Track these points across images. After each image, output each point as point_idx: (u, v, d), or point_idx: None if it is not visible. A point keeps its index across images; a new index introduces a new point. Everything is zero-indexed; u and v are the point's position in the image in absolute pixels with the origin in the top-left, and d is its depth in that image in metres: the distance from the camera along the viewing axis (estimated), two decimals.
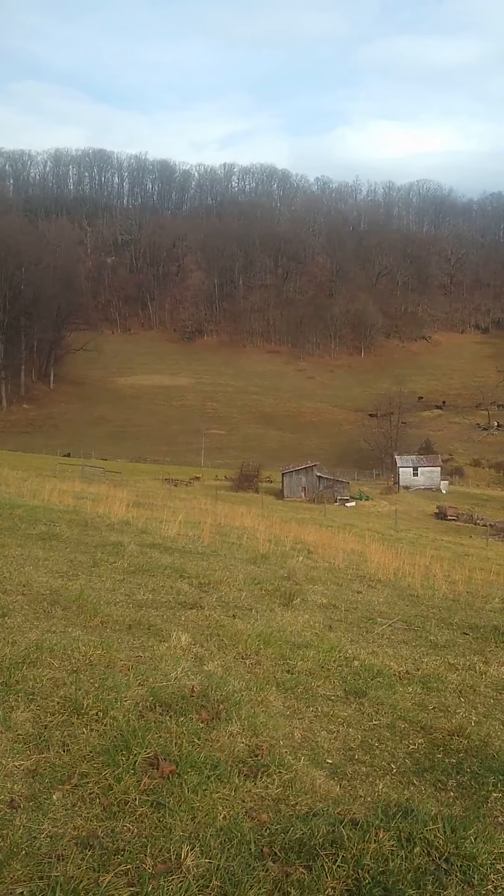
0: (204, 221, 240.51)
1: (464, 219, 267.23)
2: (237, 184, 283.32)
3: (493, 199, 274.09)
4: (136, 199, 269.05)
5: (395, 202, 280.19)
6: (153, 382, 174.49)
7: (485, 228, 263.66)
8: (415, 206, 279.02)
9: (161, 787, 4.12)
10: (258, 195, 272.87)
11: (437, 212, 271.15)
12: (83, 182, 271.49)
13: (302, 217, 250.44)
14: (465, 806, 4.66)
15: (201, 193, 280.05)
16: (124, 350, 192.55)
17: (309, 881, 3.43)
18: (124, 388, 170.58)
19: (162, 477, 74.32)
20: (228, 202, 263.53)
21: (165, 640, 7.15)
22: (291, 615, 9.56)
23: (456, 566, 21.05)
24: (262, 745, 4.93)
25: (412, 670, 7.69)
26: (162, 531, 16.85)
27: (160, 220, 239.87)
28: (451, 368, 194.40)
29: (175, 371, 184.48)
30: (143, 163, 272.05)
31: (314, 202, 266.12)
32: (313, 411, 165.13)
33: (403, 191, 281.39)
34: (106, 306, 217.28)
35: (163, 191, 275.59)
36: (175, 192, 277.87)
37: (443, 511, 67.27)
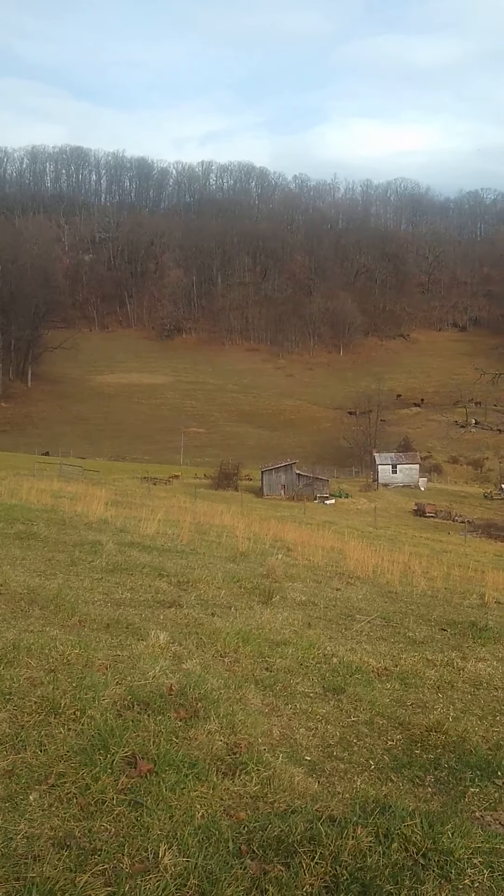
0: (182, 219, 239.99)
1: (441, 217, 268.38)
2: (215, 182, 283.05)
3: (470, 198, 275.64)
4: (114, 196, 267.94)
5: (372, 200, 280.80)
6: (131, 381, 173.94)
7: (462, 227, 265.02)
8: (392, 204, 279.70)
9: (139, 786, 4.10)
10: (236, 193, 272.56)
11: (414, 210, 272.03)
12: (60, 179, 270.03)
13: (280, 215, 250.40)
14: (443, 801, 4.69)
15: (179, 191, 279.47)
16: (102, 348, 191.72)
17: (287, 878, 3.42)
18: (102, 386, 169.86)
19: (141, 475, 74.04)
20: (206, 200, 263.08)
21: (144, 638, 7.13)
22: (270, 613, 9.57)
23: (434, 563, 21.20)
24: (241, 743, 4.92)
25: (390, 667, 7.72)
26: (140, 530, 16.81)
27: (138, 218, 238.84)
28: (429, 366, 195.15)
29: (153, 369, 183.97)
30: (121, 160, 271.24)
31: (292, 200, 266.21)
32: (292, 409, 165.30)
33: (381, 189, 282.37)
34: (84, 304, 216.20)
35: (140, 188, 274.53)
36: (153, 190, 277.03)
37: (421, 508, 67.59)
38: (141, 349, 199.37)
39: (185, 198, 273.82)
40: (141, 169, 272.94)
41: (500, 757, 5.41)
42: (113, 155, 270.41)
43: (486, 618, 11.42)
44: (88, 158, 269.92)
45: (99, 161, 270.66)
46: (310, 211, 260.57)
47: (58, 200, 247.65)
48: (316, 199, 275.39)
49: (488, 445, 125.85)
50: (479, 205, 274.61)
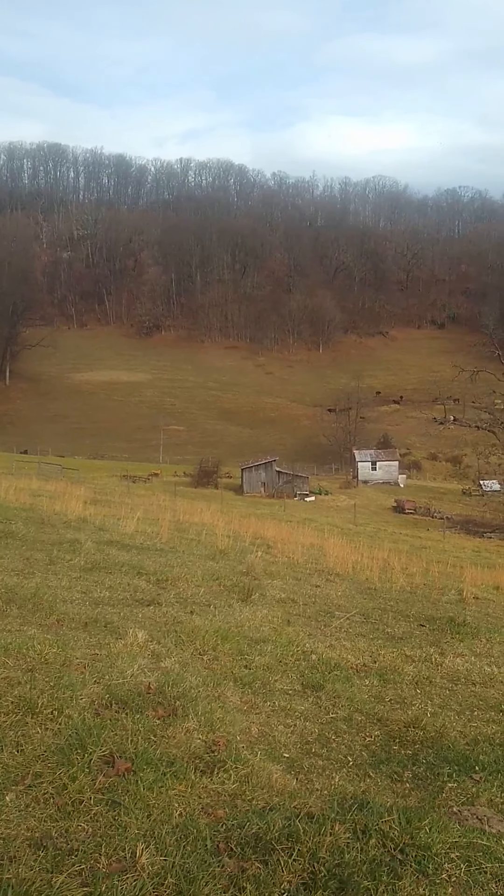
0: (161, 216, 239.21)
1: (419, 215, 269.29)
2: (194, 179, 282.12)
3: (448, 196, 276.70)
4: (92, 193, 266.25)
5: (351, 198, 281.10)
6: (110, 378, 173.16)
7: (440, 224, 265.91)
8: (371, 202, 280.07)
9: (116, 786, 4.09)
10: (215, 190, 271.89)
11: (392, 208, 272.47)
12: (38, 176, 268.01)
13: (259, 212, 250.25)
14: (421, 797, 4.71)
15: (158, 188, 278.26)
16: (81, 346, 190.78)
17: (265, 876, 3.42)
18: (81, 384, 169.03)
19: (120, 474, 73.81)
20: (185, 197, 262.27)
21: (122, 637, 7.10)
22: (250, 610, 9.56)
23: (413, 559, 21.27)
24: (219, 741, 4.92)
25: (369, 663, 7.75)
26: (119, 528, 16.75)
27: (116, 215, 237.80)
28: (408, 364, 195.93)
29: (133, 367, 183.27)
30: (99, 157, 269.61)
31: (271, 198, 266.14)
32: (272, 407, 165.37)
33: (360, 187, 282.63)
34: (62, 302, 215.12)
35: (119, 185, 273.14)
36: (131, 187, 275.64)
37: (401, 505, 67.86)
38: (120, 347, 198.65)
39: (164, 195, 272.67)
40: (119, 166, 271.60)
41: (477, 752, 5.45)
42: (91, 152, 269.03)
43: (464, 613, 11.49)
44: (66, 155, 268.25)
45: (77, 158, 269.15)
46: (288, 208, 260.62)
47: (36, 197, 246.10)
48: (295, 196, 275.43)
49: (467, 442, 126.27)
50: (457, 203, 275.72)
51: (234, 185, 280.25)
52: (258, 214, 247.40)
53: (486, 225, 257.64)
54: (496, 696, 7.09)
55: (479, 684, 7.43)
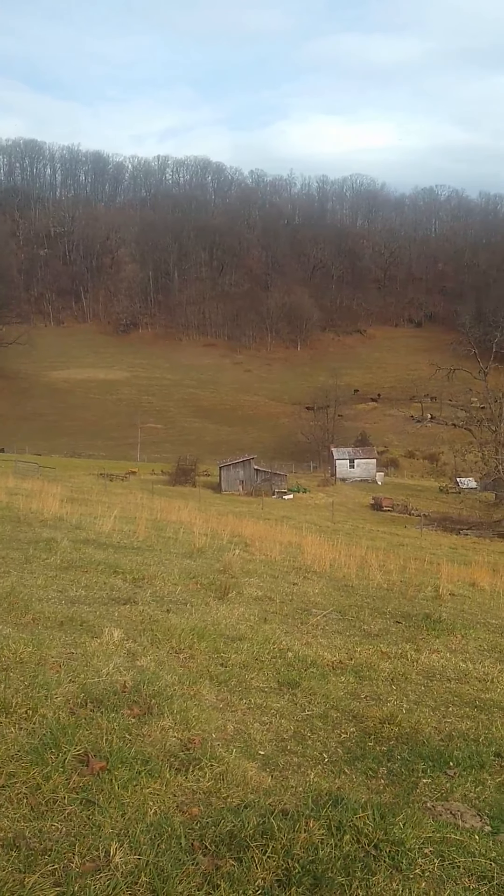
0: (138, 214, 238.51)
1: (396, 213, 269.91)
2: (171, 176, 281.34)
3: (425, 194, 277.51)
4: (69, 190, 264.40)
5: (328, 196, 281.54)
6: (88, 376, 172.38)
7: (417, 223, 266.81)
8: (348, 200, 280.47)
9: (91, 785, 4.08)
10: (192, 188, 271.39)
11: (370, 206, 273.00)
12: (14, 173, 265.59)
13: (237, 210, 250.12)
14: (395, 793, 4.73)
15: (135, 186, 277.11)
16: (58, 343, 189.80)
17: (239, 873, 3.42)
18: (58, 382, 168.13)
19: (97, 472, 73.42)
20: (162, 195, 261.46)
21: (98, 636, 7.08)
22: (226, 608, 9.56)
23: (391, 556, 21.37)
24: (194, 739, 4.92)
25: (345, 660, 7.78)
26: (96, 527, 16.70)
27: (94, 213, 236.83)
28: (386, 362, 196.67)
29: (110, 364, 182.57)
30: (76, 154, 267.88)
31: (249, 195, 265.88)
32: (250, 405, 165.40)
33: (337, 185, 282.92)
34: (39, 299, 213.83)
35: (96, 182, 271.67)
36: (108, 184, 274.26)
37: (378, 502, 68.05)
38: (97, 344, 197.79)
39: (142, 192, 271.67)
40: (96, 163, 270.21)
41: (451, 748, 5.48)
42: (68, 149, 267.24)
43: (440, 610, 11.56)
44: (43, 152, 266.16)
45: (54, 155, 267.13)
46: (266, 206, 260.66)
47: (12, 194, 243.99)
48: (272, 194, 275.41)
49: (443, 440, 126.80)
50: (434, 201, 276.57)
51: (211, 183, 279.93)
52: (236, 212, 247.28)
53: (463, 224, 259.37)
54: (471, 692, 7.13)
55: (454, 680, 7.48)
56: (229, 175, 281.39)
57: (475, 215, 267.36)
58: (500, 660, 8.62)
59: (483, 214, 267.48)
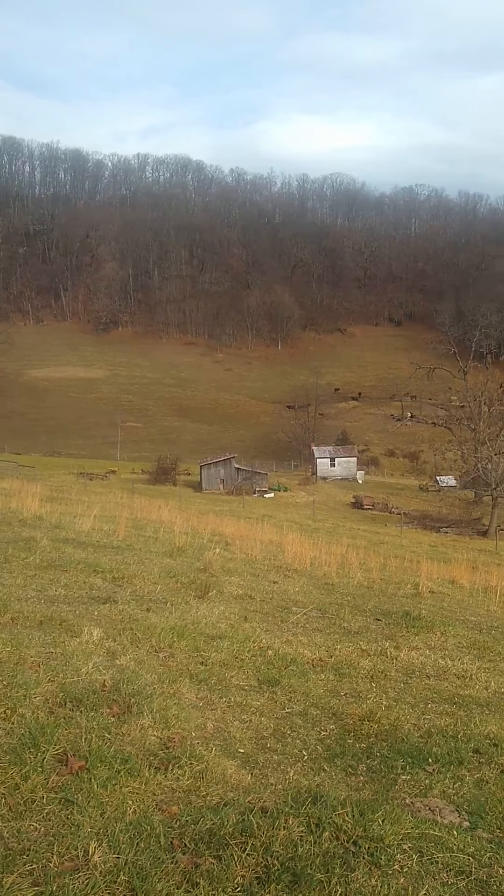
0: (118, 212, 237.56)
1: (376, 212, 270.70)
2: (151, 174, 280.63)
3: (405, 194, 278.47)
4: (49, 188, 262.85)
5: (309, 195, 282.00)
6: (67, 375, 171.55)
7: (397, 222, 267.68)
8: (329, 199, 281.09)
9: (70, 784, 4.06)
10: (172, 186, 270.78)
11: (350, 205, 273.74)
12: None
13: (217, 208, 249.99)
14: (375, 789, 4.75)
15: (115, 184, 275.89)
16: (37, 342, 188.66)
17: (218, 871, 3.43)
18: (37, 380, 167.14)
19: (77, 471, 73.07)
20: (142, 193, 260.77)
21: (77, 635, 7.05)
22: (207, 607, 9.55)
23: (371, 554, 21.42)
24: (174, 737, 4.91)
25: (325, 657, 7.80)
26: (76, 526, 16.65)
27: (73, 211, 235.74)
28: (366, 360, 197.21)
29: (90, 363, 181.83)
30: (55, 151, 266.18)
31: (229, 193, 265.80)
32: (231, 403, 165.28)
33: (317, 184, 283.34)
34: (18, 297, 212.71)
35: (75, 180, 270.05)
36: (88, 182, 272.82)
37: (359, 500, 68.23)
38: (76, 343, 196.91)
39: (121, 190, 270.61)
40: (76, 161, 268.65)
41: (430, 744, 5.51)
42: (47, 146, 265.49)
43: (420, 607, 11.62)
44: (21, 149, 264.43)
45: (32, 152, 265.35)
46: (246, 205, 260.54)
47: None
48: (252, 192, 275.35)
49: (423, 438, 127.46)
50: (414, 200, 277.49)
51: (191, 181, 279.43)
52: (216, 210, 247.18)
53: (443, 223, 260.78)
54: (450, 688, 7.18)
55: (433, 677, 7.53)
56: (209, 173, 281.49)
57: (454, 214, 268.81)
58: (478, 656, 8.69)
59: (462, 214, 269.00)
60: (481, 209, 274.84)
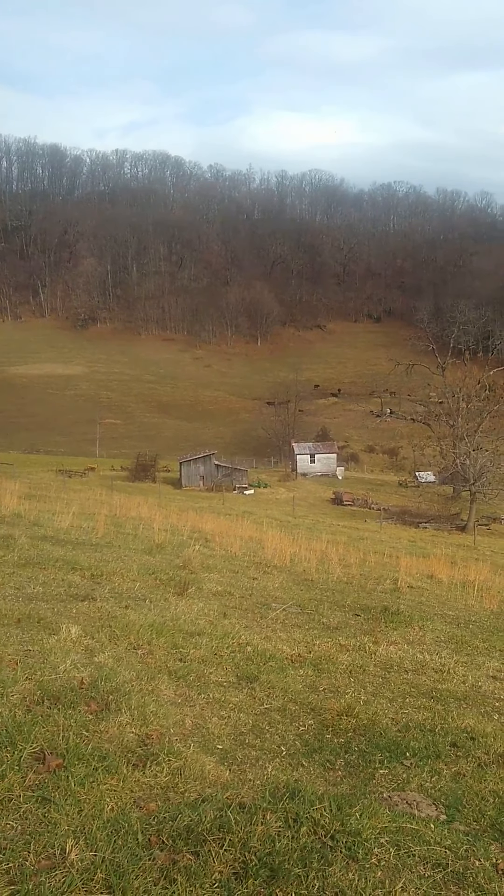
0: (96, 208, 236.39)
1: (355, 209, 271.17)
2: (129, 170, 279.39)
3: (383, 190, 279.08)
4: (26, 184, 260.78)
5: (288, 191, 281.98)
6: (46, 371, 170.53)
7: (375, 219, 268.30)
8: (307, 195, 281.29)
9: (47, 782, 4.04)
10: (151, 182, 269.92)
11: (328, 202, 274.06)
12: None
13: (196, 204, 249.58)
14: (353, 784, 4.77)
15: (93, 180, 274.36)
16: (15, 339, 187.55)
17: (196, 867, 3.43)
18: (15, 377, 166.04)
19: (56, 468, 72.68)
20: (121, 188, 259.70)
21: (55, 633, 7.02)
22: (186, 604, 9.55)
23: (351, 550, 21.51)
24: (152, 734, 4.91)
25: (304, 653, 7.81)
26: (55, 523, 16.58)
27: (51, 206, 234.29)
28: (346, 357, 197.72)
29: (68, 359, 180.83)
30: (33, 147, 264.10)
31: (208, 190, 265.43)
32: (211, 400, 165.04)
33: (296, 180, 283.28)
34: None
35: (53, 176, 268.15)
36: (66, 178, 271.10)
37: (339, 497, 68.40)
38: (55, 339, 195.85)
39: (100, 186, 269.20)
40: (54, 156, 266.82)
41: (408, 738, 5.54)
42: (24, 141, 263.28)
43: (399, 602, 11.68)
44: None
45: (10, 147, 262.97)
46: (225, 201, 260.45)
47: None
48: (231, 189, 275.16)
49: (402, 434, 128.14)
50: (392, 197, 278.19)
51: (170, 177, 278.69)
52: (195, 206, 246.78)
53: (421, 220, 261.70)
54: (428, 682, 7.22)
55: (411, 672, 7.56)
56: (188, 169, 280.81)
57: (433, 211, 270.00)
58: (456, 651, 8.75)
59: (440, 211, 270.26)
60: (459, 206, 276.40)
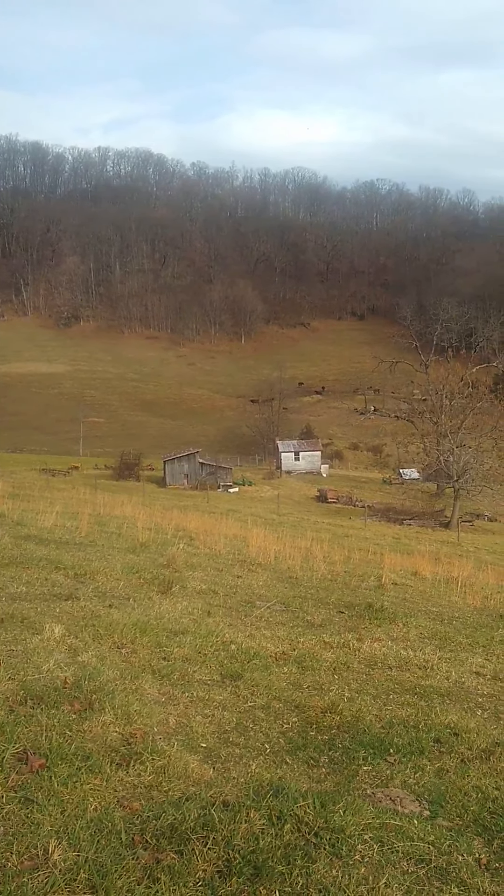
0: (79, 205, 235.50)
1: (338, 207, 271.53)
2: (112, 168, 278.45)
3: (366, 188, 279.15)
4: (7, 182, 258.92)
5: (271, 189, 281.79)
6: (29, 370, 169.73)
7: (358, 217, 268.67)
8: (290, 193, 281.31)
9: (30, 783, 4.03)
10: (134, 180, 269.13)
11: (312, 199, 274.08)
12: None
13: (179, 202, 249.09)
14: (336, 781, 4.77)
15: (75, 177, 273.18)
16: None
17: (179, 866, 3.42)
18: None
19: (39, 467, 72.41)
20: (103, 186, 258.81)
21: (39, 632, 6.99)
22: (170, 603, 9.54)
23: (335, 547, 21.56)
24: (136, 733, 4.90)
25: (288, 651, 7.82)
26: (38, 522, 16.51)
27: (33, 204, 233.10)
28: (330, 354, 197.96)
29: (51, 358, 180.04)
30: (14, 144, 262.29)
31: (191, 187, 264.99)
32: (195, 398, 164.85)
33: (279, 178, 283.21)
34: None
35: (35, 174, 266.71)
36: (48, 176, 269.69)
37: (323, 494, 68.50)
38: (38, 338, 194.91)
39: (82, 184, 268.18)
40: (35, 154, 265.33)
41: (392, 735, 5.55)
42: (5, 138, 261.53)
43: (382, 599, 11.71)
44: None
45: None
46: (208, 198, 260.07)
47: None
48: (214, 186, 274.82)
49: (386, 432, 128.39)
50: (375, 195, 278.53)
51: (153, 175, 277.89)
52: (178, 204, 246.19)
53: (403, 218, 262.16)
54: (411, 679, 7.24)
55: (395, 668, 7.59)
56: (171, 167, 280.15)
57: (415, 209, 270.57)
58: (440, 647, 8.78)
59: (423, 208, 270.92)
60: (442, 204, 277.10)
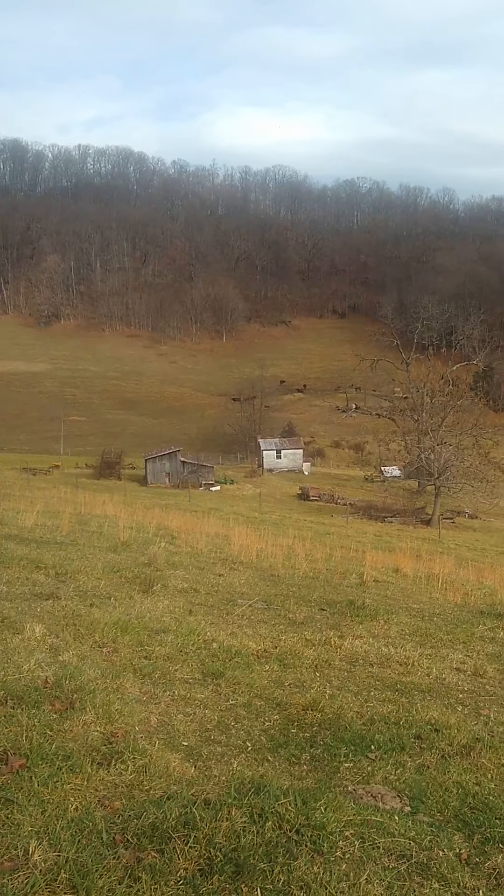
0: (59, 203, 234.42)
1: (319, 205, 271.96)
2: (92, 166, 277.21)
3: (347, 186, 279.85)
4: None
5: (252, 187, 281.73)
6: (8, 369, 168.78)
7: (339, 215, 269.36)
8: (271, 191, 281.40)
9: (10, 783, 4.01)
10: (114, 178, 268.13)
11: (292, 197, 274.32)
12: None
13: (159, 200, 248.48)
14: (318, 778, 4.78)
15: (56, 175, 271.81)
16: None
17: (161, 864, 3.42)
18: None
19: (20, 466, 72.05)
20: (84, 184, 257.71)
21: (19, 632, 6.97)
22: (151, 601, 9.52)
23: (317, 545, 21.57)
24: (117, 732, 4.88)
25: (270, 648, 7.83)
26: (18, 521, 16.44)
27: (13, 202, 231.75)
28: (311, 352, 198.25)
29: (31, 356, 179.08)
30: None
31: (171, 185, 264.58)
32: (176, 396, 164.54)
33: (260, 176, 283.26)
34: None
35: (15, 172, 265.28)
36: (28, 174, 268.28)
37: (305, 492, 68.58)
38: (18, 336, 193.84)
39: (62, 182, 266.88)
40: (15, 151, 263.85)
41: (373, 731, 5.57)
42: None
43: (364, 596, 11.73)
44: None
45: None
46: (189, 196, 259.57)
47: None
48: (195, 184, 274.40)
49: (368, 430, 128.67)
50: (356, 193, 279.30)
51: (133, 173, 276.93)
52: (158, 202, 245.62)
53: (384, 216, 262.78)
54: (392, 675, 7.27)
55: (376, 665, 7.61)
56: (151, 165, 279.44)
57: (396, 207, 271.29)
58: (421, 643, 8.81)
59: (403, 207, 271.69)
60: (422, 202, 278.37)
